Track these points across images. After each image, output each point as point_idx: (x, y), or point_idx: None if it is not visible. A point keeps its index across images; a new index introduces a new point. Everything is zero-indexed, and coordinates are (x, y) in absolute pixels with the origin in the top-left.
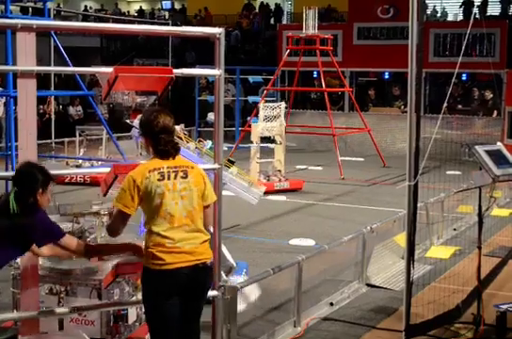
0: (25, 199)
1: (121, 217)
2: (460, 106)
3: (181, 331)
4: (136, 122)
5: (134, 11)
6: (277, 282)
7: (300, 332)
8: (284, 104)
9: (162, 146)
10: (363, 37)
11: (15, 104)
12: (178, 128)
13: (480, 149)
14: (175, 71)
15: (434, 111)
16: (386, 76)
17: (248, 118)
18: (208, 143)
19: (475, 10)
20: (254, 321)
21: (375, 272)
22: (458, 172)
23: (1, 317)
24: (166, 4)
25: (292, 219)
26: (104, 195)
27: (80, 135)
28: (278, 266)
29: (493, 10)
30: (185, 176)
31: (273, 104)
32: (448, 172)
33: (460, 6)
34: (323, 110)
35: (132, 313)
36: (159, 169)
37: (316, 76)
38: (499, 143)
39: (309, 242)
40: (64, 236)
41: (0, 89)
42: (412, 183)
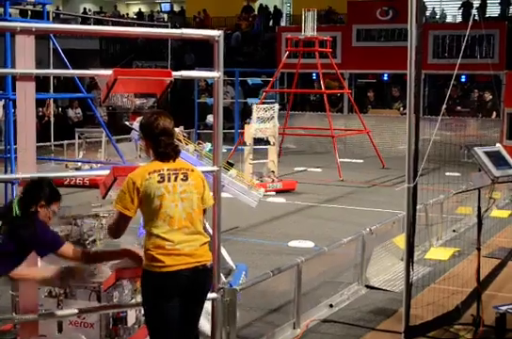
0: (27, 206)
1: (122, 218)
2: (459, 108)
3: (180, 334)
4: (136, 125)
5: (133, 14)
6: (276, 284)
7: (300, 334)
8: (278, 105)
9: (162, 148)
10: (362, 39)
11: (14, 106)
12: (177, 130)
13: (479, 150)
14: (174, 73)
15: (433, 113)
16: (385, 78)
17: (248, 120)
18: (207, 145)
19: (474, 12)
20: (254, 323)
21: (374, 274)
22: (458, 174)
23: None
24: (165, 6)
25: (291, 221)
26: (104, 197)
27: (79, 137)
28: (277, 268)
29: (492, 12)
30: (186, 179)
31: (266, 105)
32: (447, 174)
33: (459, 7)
34: (322, 112)
35: (131, 315)
36: (159, 172)
37: (315, 78)
38: (498, 144)
39: (308, 244)
40: (63, 245)
41: None
42: (412, 184)
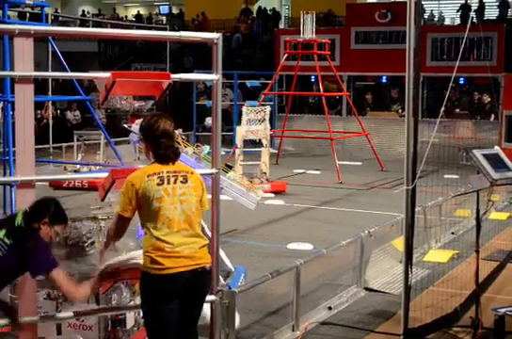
0: (30, 221)
1: (119, 220)
2: (458, 110)
3: (179, 336)
4: (135, 127)
5: (131, 16)
6: (275, 287)
7: (299, 337)
8: (269, 107)
9: (162, 150)
10: (361, 41)
11: (13, 109)
12: (176, 133)
13: (478, 153)
14: (173, 76)
15: (431, 115)
16: (383, 80)
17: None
18: (206, 148)
19: (472, 14)
20: (252, 325)
21: (373, 276)
22: (456, 176)
23: None
24: (163, 9)
25: (290, 224)
26: (102, 200)
27: (78, 139)
28: (276, 271)
29: (490, 14)
30: (185, 181)
31: (257, 107)
32: (446, 176)
33: (458, 10)
34: (321, 114)
35: (130, 317)
36: (158, 174)
37: (314, 81)
38: (496, 147)
39: (307, 246)
40: (57, 268)
41: None
42: (410, 187)
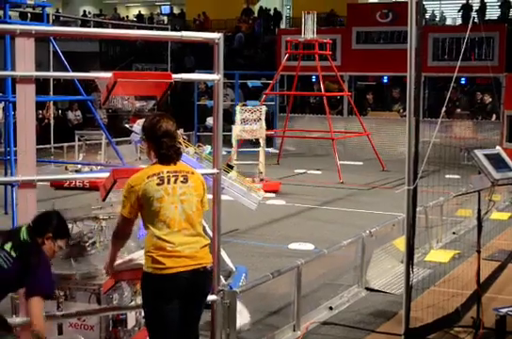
0: (34, 235)
1: (122, 221)
2: (459, 110)
3: (180, 336)
4: (136, 127)
5: (133, 16)
6: (276, 287)
7: (300, 337)
8: (265, 107)
9: (164, 150)
10: (362, 41)
11: (14, 109)
12: (178, 133)
13: (479, 153)
14: (174, 76)
15: (433, 115)
16: (385, 80)
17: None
18: (207, 148)
19: (474, 15)
20: (254, 325)
21: (374, 276)
22: (457, 176)
23: None
24: (165, 9)
25: (291, 224)
26: (104, 200)
27: (79, 139)
28: (277, 271)
29: (492, 14)
30: (186, 181)
31: (252, 107)
32: (447, 176)
33: (459, 10)
34: (322, 114)
35: (131, 317)
36: (158, 174)
37: (315, 81)
38: (498, 147)
39: (308, 246)
40: (39, 296)
41: None
42: (411, 187)
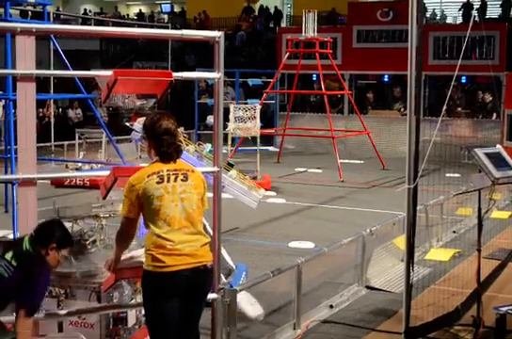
0: (37, 247)
1: (126, 222)
2: (460, 109)
3: (180, 334)
4: (136, 125)
5: (133, 14)
6: (276, 285)
7: (300, 335)
8: (259, 106)
9: (165, 148)
10: (363, 40)
11: (14, 107)
12: (178, 131)
13: (479, 151)
14: (175, 74)
15: (433, 114)
16: (385, 79)
17: None
18: (207, 146)
19: (475, 13)
20: (254, 324)
21: (374, 275)
22: (458, 175)
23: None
24: (165, 7)
25: (291, 222)
26: (104, 198)
27: (79, 138)
28: (277, 269)
29: (492, 13)
30: (186, 179)
31: (246, 105)
32: (447, 175)
33: (460, 9)
34: (322, 113)
35: (131, 315)
36: (158, 173)
37: (316, 79)
38: (498, 146)
39: (308, 245)
40: (29, 314)
41: None
42: (412, 185)
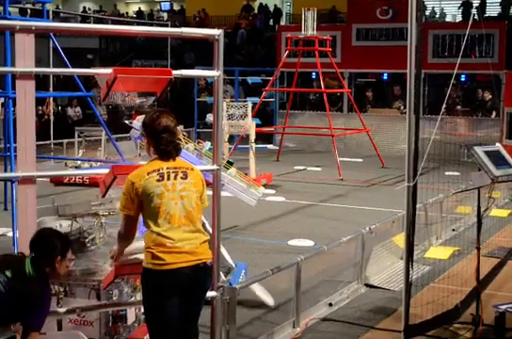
0: (42, 266)
1: (126, 219)
2: (459, 107)
3: (180, 332)
4: (136, 123)
5: (132, 12)
6: (276, 283)
7: (299, 333)
8: (250, 103)
9: (163, 146)
10: (362, 38)
11: (14, 105)
12: (178, 129)
13: (479, 150)
14: (174, 72)
15: (433, 112)
16: (385, 77)
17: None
18: (207, 144)
19: (474, 11)
20: (253, 321)
21: (374, 273)
22: (457, 173)
23: None
24: (164, 5)
25: (290, 220)
26: (103, 196)
27: (79, 136)
28: (277, 267)
29: (492, 11)
30: (185, 177)
31: (239, 103)
32: (447, 173)
33: (459, 7)
34: (322, 111)
35: (131, 313)
36: (158, 171)
37: (315, 77)
38: (498, 144)
39: (308, 243)
40: (36, 333)
41: None
42: (411, 183)
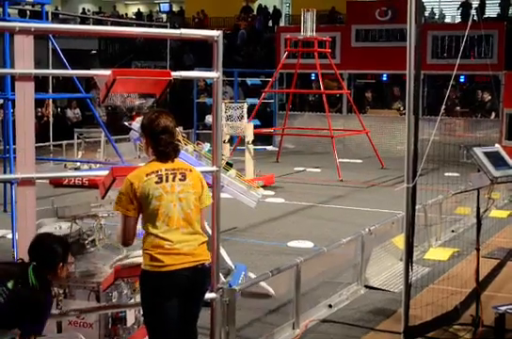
0: (44, 274)
1: (125, 220)
2: (458, 108)
3: (179, 333)
4: (135, 125)
5: (132, 14)
6: (275, 285)
7: (299, 334)
8: (246, 105)
9: (162, 147)
10: (361, 39)
11: (13, 106)
12: (177, 130)
13: (478, 150)
14: (173, 73)
15: (432, 113)
16: (384, 78)
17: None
18: (206, 146)
19: (473, 12)
20: (253, 323)
21: (373, 274)
22: (457, 174)
23: None
24: (164, 6)
25: (290, 222)
26: (103, 198)
27: (78, 137)
28: (276, 269)
29: (491, 12)
30: (184, 179)
31: (235, 104)
32: (446, 174)
33: (458, 8)
34: (321, 112)
35: (130, 315)
36: (157, 172)
37: (314, 78)
38: (497, 145)
39: (307, 244)
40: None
41: None
42: (411, 185)
